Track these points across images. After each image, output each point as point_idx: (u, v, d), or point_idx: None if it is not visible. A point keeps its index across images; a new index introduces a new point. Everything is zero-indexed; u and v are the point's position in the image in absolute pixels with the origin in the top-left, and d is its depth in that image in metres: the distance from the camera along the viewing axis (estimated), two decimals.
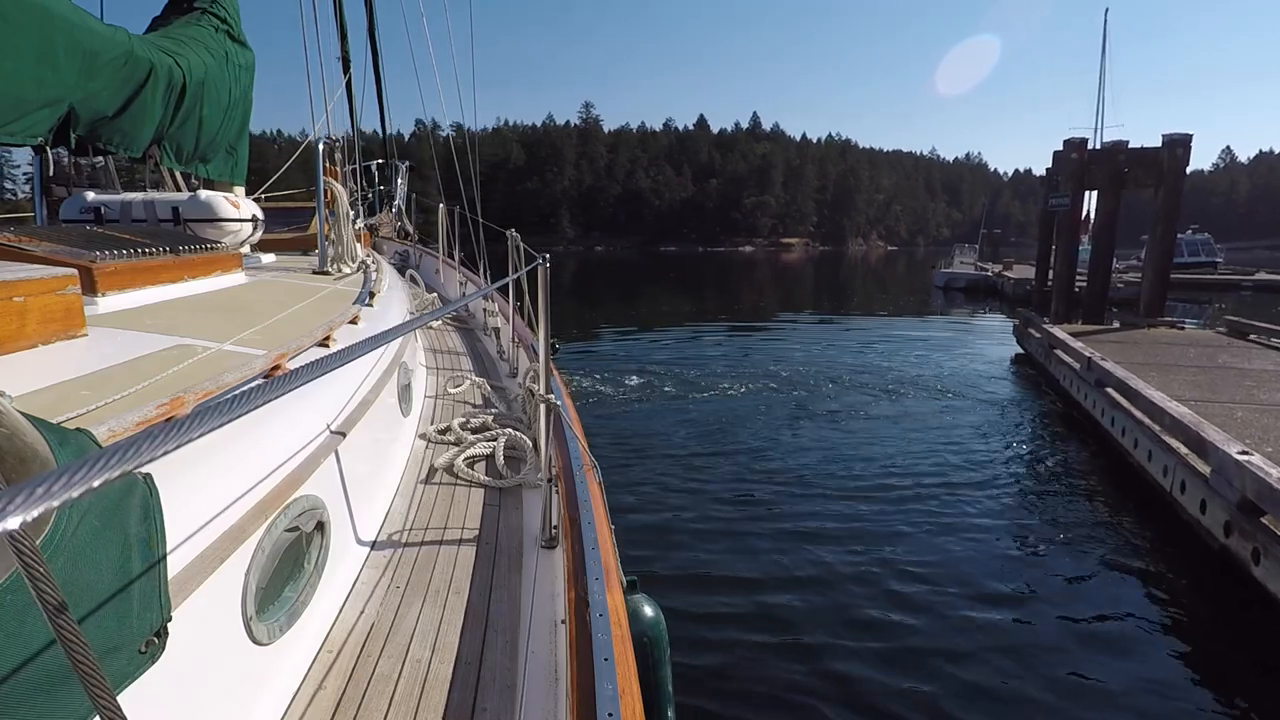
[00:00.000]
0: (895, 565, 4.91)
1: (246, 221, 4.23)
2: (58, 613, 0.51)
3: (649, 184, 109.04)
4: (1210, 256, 31.06)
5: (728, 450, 7.47)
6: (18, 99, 2.54)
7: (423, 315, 1.23)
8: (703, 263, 63.37)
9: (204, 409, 0.47)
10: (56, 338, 1.72)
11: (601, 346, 14.84)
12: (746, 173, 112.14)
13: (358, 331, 2.80)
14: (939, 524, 5.63)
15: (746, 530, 5.48)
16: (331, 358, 0.67)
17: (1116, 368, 7.84)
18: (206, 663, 1.35)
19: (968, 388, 10.61)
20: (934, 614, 4.32)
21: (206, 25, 4.23)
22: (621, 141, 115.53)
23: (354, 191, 7.51)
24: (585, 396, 9.79)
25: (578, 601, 1.65)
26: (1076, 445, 7.80)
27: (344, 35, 8.14)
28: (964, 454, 7.38)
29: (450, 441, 3.32)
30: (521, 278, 3.67)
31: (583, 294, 32.93)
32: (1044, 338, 11.15)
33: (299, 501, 1.73)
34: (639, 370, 11.56)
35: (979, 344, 15.46)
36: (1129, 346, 9.87)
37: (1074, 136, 13.23)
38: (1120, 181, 12.55)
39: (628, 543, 4.99)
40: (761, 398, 9.88)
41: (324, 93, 6.26)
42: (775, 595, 4.52)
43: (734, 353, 14.11)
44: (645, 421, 8.59)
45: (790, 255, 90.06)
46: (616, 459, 7.02)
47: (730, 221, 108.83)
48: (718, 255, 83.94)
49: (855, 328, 18.56)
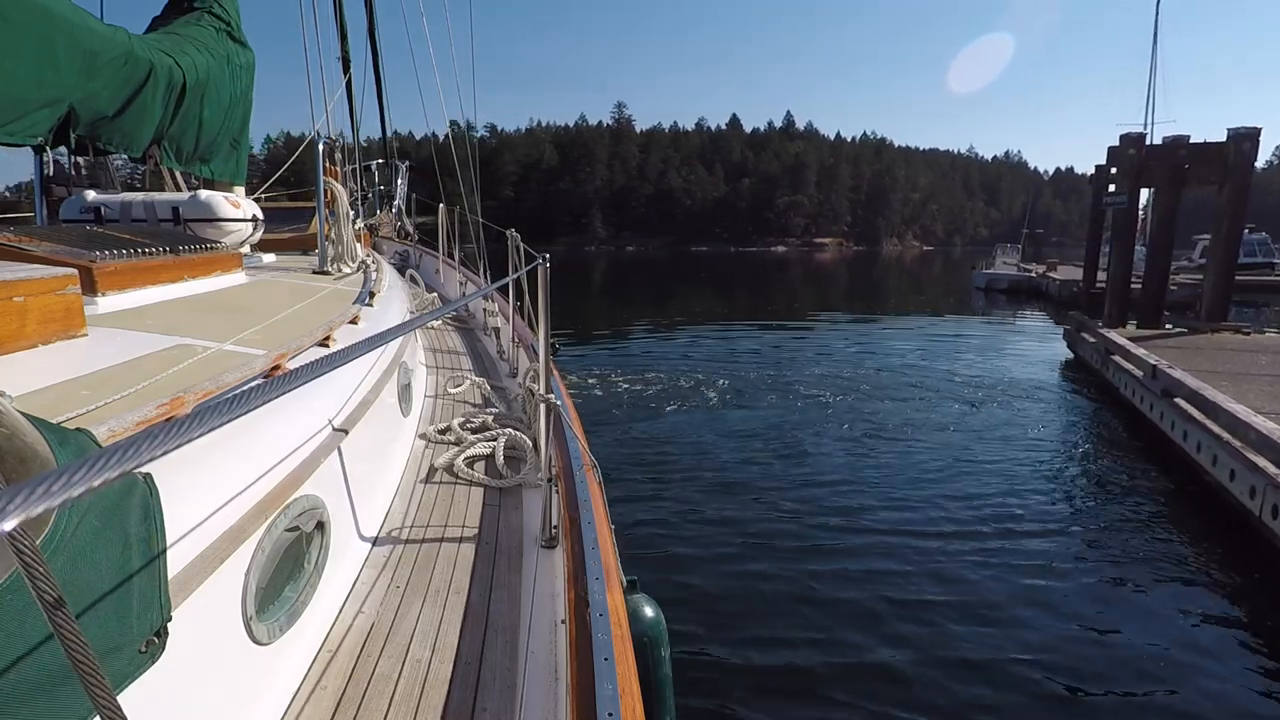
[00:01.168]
0: (913, 575, 4.72)
1: (246, 221, 4.23)
2: (58, 612, 0.51)
3: (681, 184, 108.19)
4: (1268, 257, 28.89)
5: (752, 454, 7.23)
6: (18, 99, 2.54)
7: (423, 315, 1.23)
8: (735, 263, 62.33)
9: (204, 409, 0.47)
10: (56, 338, 1.72)
11: (630, 346, 14.68)
12: (779, 172, 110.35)
13: (358, 331, 2.80)
14: (980, 540, 5.26)
15: (748, 530, 5.47)
16: (331, 358, 0.67)
17: (1188, 377, 7.25)
18: (206, 663, 1.35)
19: (1016, 394, 9.97)
20: (949, 622, 4.20)
21: (206, 25, 4.23)
22: (654, 141, 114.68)
23: (354, 191, 7.51)
24: (599, 394, 9.72)
25: (578, 601, 1.65)
26: (1141, 460, 7.20)
27: (344, 35, 8.15)
28: (1015, 466, 6.94)
29: (450, 441, 3.32)
30: (522, 278, 3.68)
31: (614, 293, 32.59)
32: (1100, 342, 10.59)
33: (299, 501, 1.73)
34: (667, 370, 11.32)
35: (1025, 348, 14.61)
36: (1193, 353, 9.16)
37: (1129, 132, 12.53)
38: (1181, 178, 11.80)
39: (636, 542, 5.03)
40: (792, 400, 9.59)
41: (324, 93, 6.27)
42: (775, 594, 4.52)
43: (765, 352, 13.79)
44: (669, 423, 8.44)
45: (823, 255, 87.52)
46: (649, 459, 6.97)
47: (763, 221, 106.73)
48: (750, 255, 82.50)
49: (893, 328, 17.96)
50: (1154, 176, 12.18)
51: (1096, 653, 3.95)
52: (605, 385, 10.33)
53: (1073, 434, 8.32)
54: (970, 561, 4.99)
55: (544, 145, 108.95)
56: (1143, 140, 12.52)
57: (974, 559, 5.02)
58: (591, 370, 11.38)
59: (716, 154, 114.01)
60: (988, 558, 5.04)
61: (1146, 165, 12.16)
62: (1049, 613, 4.33)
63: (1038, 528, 5.56)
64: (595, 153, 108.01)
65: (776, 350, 14.32)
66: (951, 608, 4.39)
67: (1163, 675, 3.78)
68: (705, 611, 4.29)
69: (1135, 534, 5.52)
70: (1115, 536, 5.48)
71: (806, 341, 15.72)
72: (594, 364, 12.09)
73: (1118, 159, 12.77)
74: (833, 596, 4.50)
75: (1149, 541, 5.40)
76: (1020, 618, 4.27)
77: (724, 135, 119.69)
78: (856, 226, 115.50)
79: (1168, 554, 5.19)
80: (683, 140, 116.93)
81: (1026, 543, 5.30)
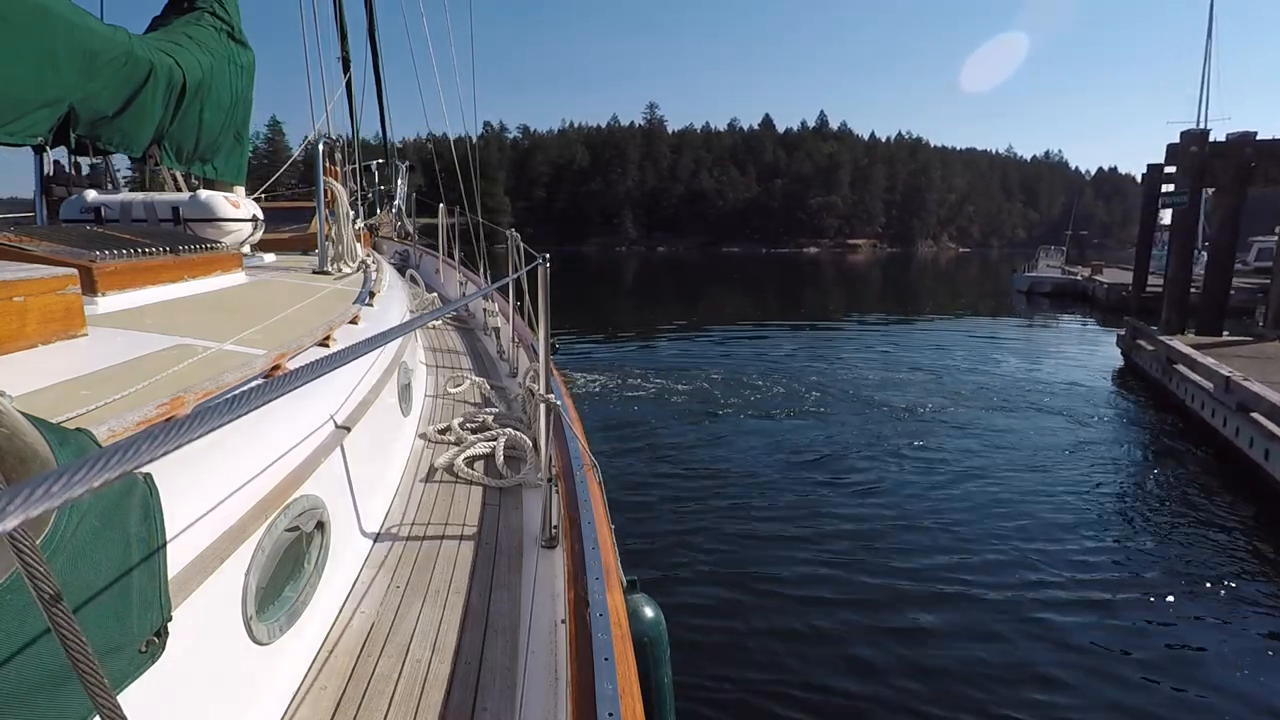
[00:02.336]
0: (931, 585, 4.62)
1: (246, 221, 4.23)
2: (57, 612, 0.51)
3: (712, 184, 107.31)
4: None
5: (782, 459, 7.15)
6: (18, 99, 2.54)
7: (423, 315, 1.23)
8: (767, 264, 61.88)
9: (204, 409, 0.47)
10: (56, 337, 1.72)
11: (658, 347, 14.68)
12: (812, 172, 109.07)
13: (358, 331, 2.80)
14: (1036, 574, 4.81)
15: (748, 530, 5.48)
16: (331, 358, 0.67)
17: (1267, 390, 6.77)
18: (206, 663, 1.35)
19: (1069, 405, 9.40)
20: (968, 631, 4.12)
21: (206, 25, 4.23)
22: (685, 142, 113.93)
23: (354, 191, 7.51)
24: (613, 394, 9.69)
25: (578, 601, 1.65)
26: (1216, 480, 6.72)
27: (344, 35, 8.14)
28: (1073, 484, 6.45)
29: (450, 441, 3.32)
30: (522, 278, 3.67)
31: (643, 294, 32.37)
32: (1159, 350, 10.11)
33: (299, 501, 1.73)
34: (698, 372, 11.22)
35: (1075, 354, 13.98)
36: (1265, 363, 8.55)
37: (1190, 129, 12.07)
38: (1246, 177, 11.15)
39: (636, 542, 5.02)
40: (830, 404, 9.33)
41: (324, 93, 6.27)
42: (776, 594, 4.52)
43: (801, 354, 13.58)
44: (695, 425, 8.33)
45: (856, 256, 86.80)
46: (651, 459, 6.94)
47: (795, 222, 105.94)
48: (781, 256, 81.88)
49: (931, 330, 17.47)
50: (1217, 175, 11.51)
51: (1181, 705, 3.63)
52: (622, 384, 10.23)
53: (1134, 447, 7.92)
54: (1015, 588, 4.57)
55: (576, 146, 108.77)
56: (1205, 137, 11.93)
57: (1016, 585, 4.61)
58: (609, 368, 11.31)
59: (749, 154, 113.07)
60: (1043, 593, 4.53)
61: (1209, 164, 11.53)
62: (1127, 680, 3.78)
63: (1116, 573, 4.89)
64: (627, 153, 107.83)
65: (807, 351, 14.14)
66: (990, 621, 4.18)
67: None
68: (706, 611, 4.29)
69: (1219, 563, 5.03)
70: (1191, 561, 5.04)
71: (838, 343, 15.31)
72: (616, 363, 11.98)
73: (1178, 157, 12.19)
74: (833, 596, 4.50)
75: (1235, 572, 4.88)
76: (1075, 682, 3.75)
77: (756, 135, 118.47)
78: (891, 227, 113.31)
79: (1264, 595, 4.65)
80: (715, 140, 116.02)
81: (1093, 593, 4.61)
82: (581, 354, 13.18)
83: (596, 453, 2.55)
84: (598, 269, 50.96)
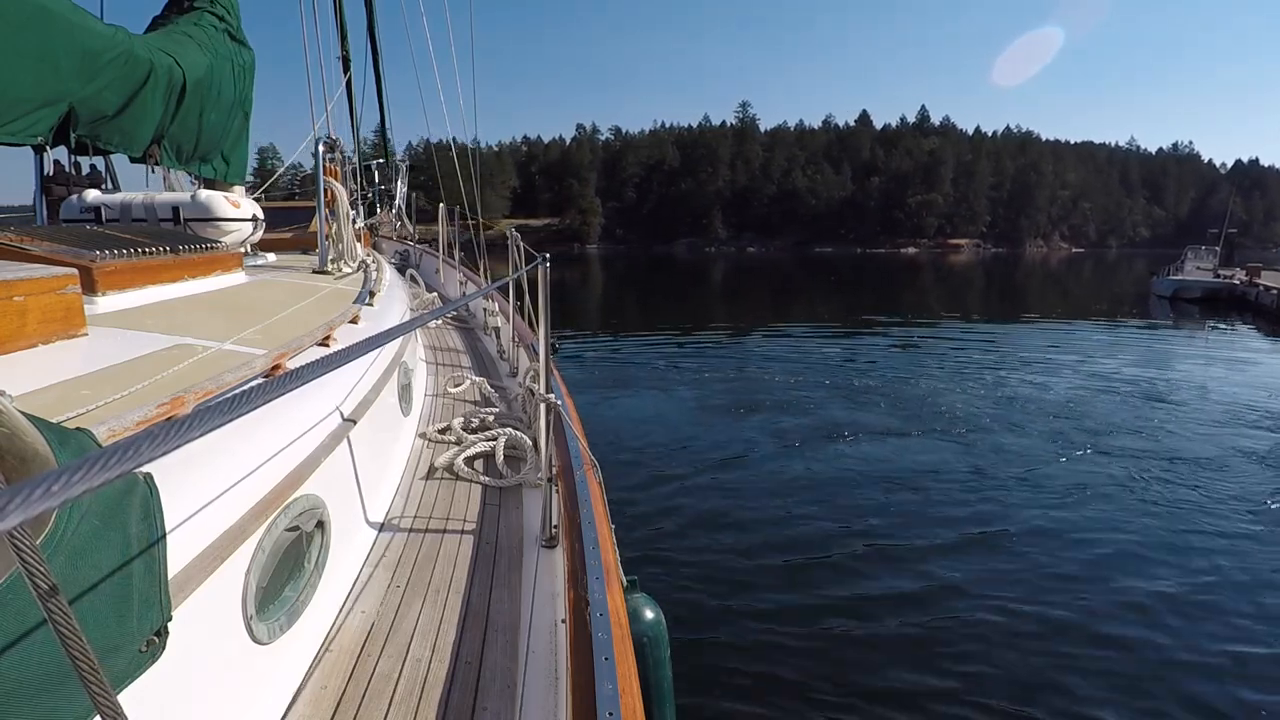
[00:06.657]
0: (939, 589, 4.51)
1: (246, 221, 4.23)
2: (57, 612, 0.51)
3: (805, 183, 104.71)
4: None
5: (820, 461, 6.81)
6: (18, 99, 2.54)
7: (423, 315, 1.23)
8: (863, 265, 58.88)
9: (204, 408, 0.47)
10: (57, 337, 1.72)
11: (746, 346, 14.38)
12: (912, 170, 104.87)
13: (358, 331, 2.80)
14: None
15: (749, 530, 5.47)
16: (331, 357, 0.67)
17: None
18: (207, 662, 1.35)
19: (1259, 434, 7.82)
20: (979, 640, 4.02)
21: (206, 25, 4.23)
22: (778, 140, 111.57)
23: (354, 191, 7.52)
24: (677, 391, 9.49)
25: (577, 601, 1.65)
26: None
27: (344, 35, 8.15)
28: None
29: (450, 441, 3.32)
30: (522, 278, 3.68)
31: (732, 297, 31.04)
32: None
33: (299, 501, 1.73)
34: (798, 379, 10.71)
35: (1250, 372, 11.78)
36: None
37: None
38: None
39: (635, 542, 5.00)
40: (953, 420, 8.34)
41: (324, 93, 6.27)
42: (776, 594, 4.52)
43: (929, 363, 12.42)
44: (772, 433, 7.86)
45: (957, 257, 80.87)
46: (654, 459, 6.85)
47: (892, 221, 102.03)
48: (877, 257, 77.93)
49: (1073, 338, 15.80)
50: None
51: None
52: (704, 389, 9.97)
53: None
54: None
55: (666, 146, 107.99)
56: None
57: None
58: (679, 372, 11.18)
59: (844, 152, 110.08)
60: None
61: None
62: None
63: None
64: (718, 153, 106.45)
65: (881, 353, 13.61)
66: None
67: None
68: (706, 611, 4.29)
69: None
70: None
71: (925, 345, 14.63)
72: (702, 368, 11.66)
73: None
74: (834, 596, 4.50)
75: None
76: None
77: (853, 132, 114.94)
78: (996, 226, 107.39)
79: None
80: (808, 139, 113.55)
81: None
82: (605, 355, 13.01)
83: (598, 452, 2.55)
84: (685, 269, 49.13)
